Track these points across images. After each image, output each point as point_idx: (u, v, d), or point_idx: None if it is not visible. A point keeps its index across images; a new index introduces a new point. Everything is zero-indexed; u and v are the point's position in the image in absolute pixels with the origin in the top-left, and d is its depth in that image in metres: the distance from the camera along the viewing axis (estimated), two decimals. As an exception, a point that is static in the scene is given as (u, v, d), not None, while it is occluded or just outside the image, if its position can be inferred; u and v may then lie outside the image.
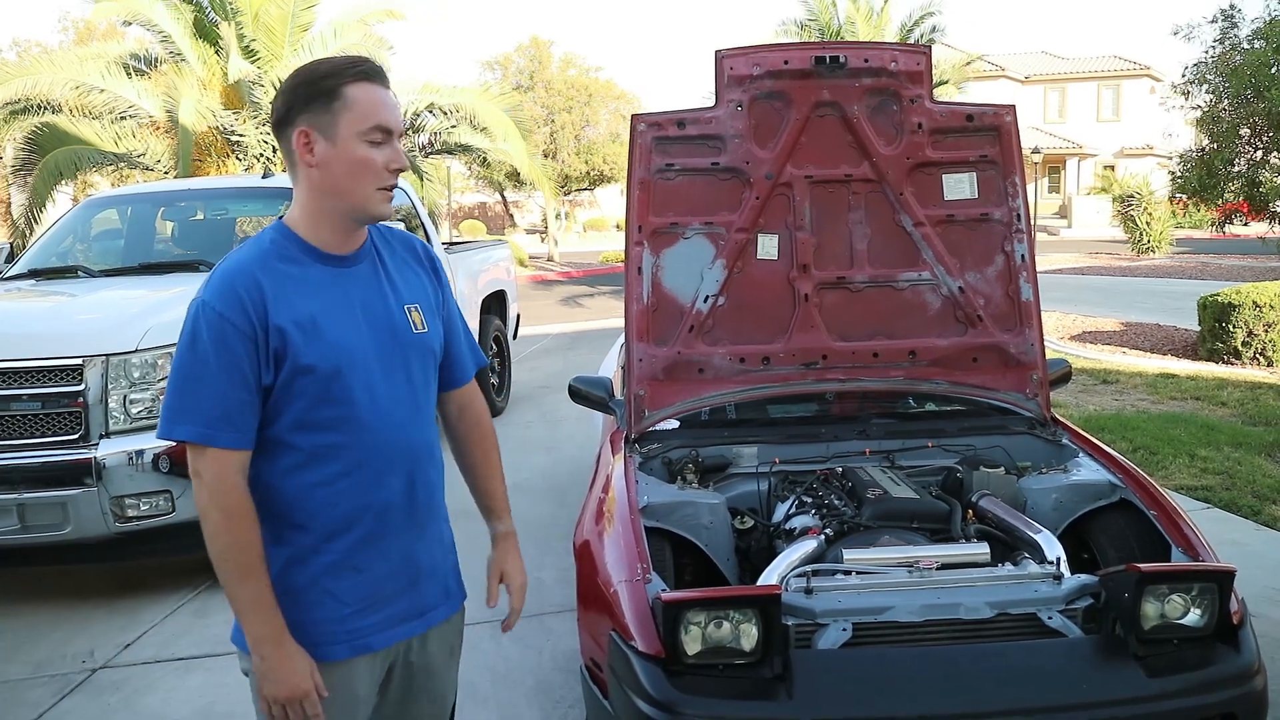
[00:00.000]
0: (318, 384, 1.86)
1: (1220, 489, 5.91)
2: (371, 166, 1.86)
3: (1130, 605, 2.54)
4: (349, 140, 1.85)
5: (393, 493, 1.97)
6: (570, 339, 13.94)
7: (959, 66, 25.11)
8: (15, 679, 4.12)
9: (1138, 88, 44.60)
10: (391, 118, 1.88)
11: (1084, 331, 12.62)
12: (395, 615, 2.00)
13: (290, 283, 1.87)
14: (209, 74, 14.38)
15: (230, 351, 1.80)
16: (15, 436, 4.54)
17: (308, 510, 1.89)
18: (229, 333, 1.80)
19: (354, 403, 1.89)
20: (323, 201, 1.90)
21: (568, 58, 34.52)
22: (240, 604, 1.84)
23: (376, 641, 1.98)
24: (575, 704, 3.57)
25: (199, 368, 1.80)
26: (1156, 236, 26.08)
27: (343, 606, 1.92)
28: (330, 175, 1.87)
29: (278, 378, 1.84)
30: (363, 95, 1.85)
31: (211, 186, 7.59)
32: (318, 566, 1.90)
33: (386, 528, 1.97)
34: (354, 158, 1.85)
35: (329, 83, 1.85)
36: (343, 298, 1.92)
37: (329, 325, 1.88)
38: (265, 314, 1.82)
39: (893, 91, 3.68)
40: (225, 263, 1.89)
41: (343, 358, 1.88)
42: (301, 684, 1.84)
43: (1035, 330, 3.76)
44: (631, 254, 3.68)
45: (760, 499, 3.51)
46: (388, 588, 1.99)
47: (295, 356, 1.83)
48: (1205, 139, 14.33)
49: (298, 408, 1.86)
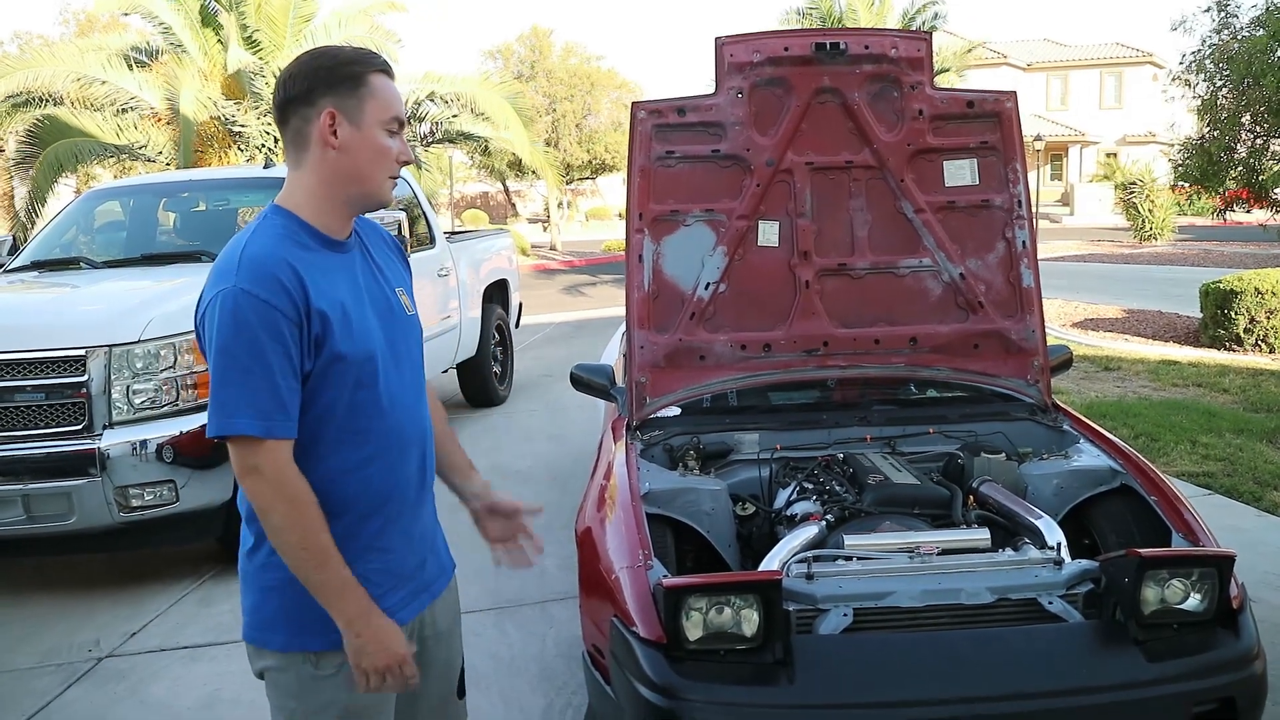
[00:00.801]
0: (350, 371, 1.86)
1: (1221, 475, 5.92)
2: (389, 155, 1.91)
3: (1130, 590, 2.55)
4: (372, 127, 1.88)
5: (410, 472, 2.01)
6: (573, 328, 13.95)
7: (960, 54, 25.00)
8: (22, 668, 4.14)
9: (1140, 75, 44.41)
10: (403, 111, 1.96)
11: (1086, 319, 12.61)
12: (413, 590, 2.04)
13: (315, 269, 1.85)
14: (210, 65, 14.36)
15: (280, 339, 1.77)
16: (19, 427, 4.56)
17: (339, 497, 1.89)
18: (277, 320, 1.77)
19: (378, 387, 1.91)
20: (335, 185, 1.90)
21: (569, 47, 34.49)
22: (326, 591, 1.83)
23: (403, 617, 1.99)
24: (578, 690, 3.59)
25: (249, 358, 1.76)
26: (1159, 224, 26.03)
27: (374, 587, 1.92)
28: (351, 159, 1.88)
29: (315, 365, 1.83)
30: (384, 86, 1.91)
31: (213, 177, 7.59)
32: (351, 551, 1.89)
33: (405, 507, 2.00)
34: (376, 145, 1.89)
35: (356, 69, 1.88)
36: (353, 283, 1.93)
37: (354, 311, 1.89)
38: (307, 299, 1.80)
39: (893, 78, 3.68)
40: (246, 249, 1.83)
41: (368, 343, 1.89)
42: (398, 650, 1.87)
43: (1036, 316, 3.75)
44: (632, 241, 3.68)
45: (762, 485, 3.52)
46: (409, 564, 2.03)
47: (333, 343, 1.83)
48: (1205, 127, 14.29)
49: (330, 395, 1.85)
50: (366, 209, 1.97)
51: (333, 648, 1.89)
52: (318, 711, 1.94)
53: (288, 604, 1.91)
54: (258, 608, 1.95)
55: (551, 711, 3.59)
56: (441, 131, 16.67)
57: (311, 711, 1.95)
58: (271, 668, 1.96)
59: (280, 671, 1.95)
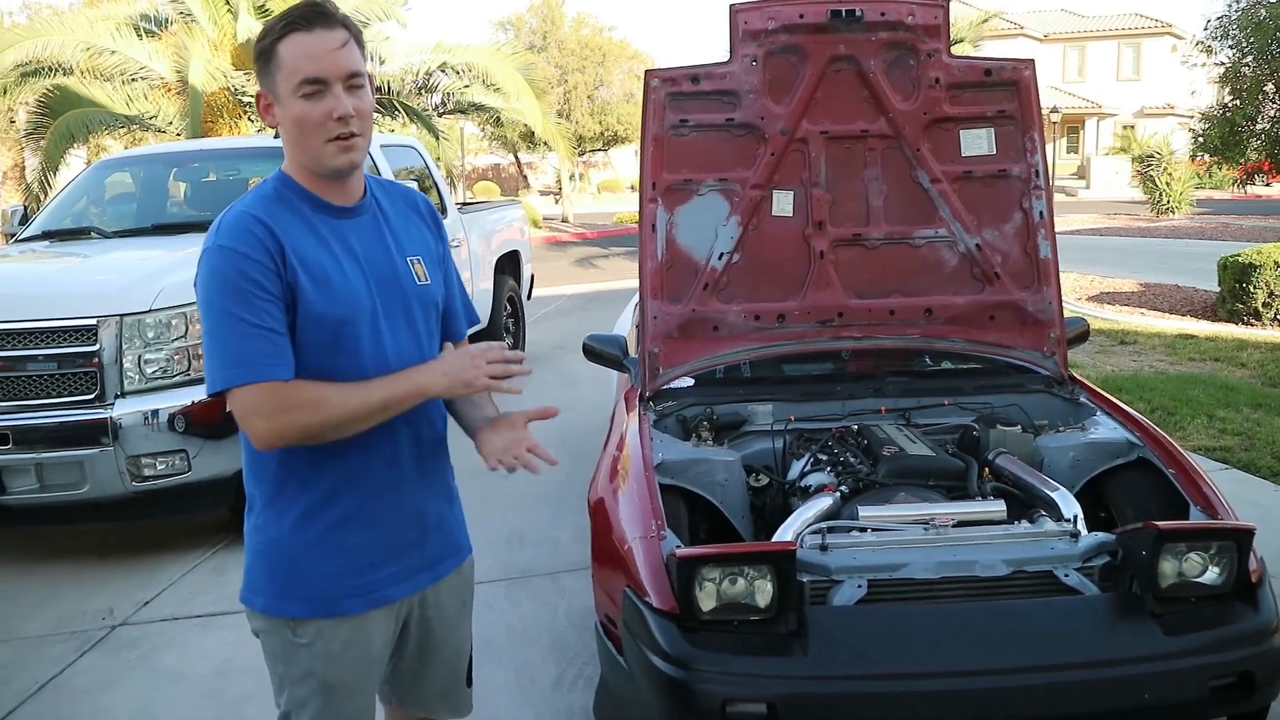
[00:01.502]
0: (325, 332, 1.84)
1: (1239, 450, 5.87)
2: (309, 120, 1.80)
3: (1148, 563, 2.52)
4: (288, 99, 1.80)
5: (401, 444, 1.96)
6: (585, 299, 13.92)
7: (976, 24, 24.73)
8: (36, 635, 4.17)
9: (1159, 46, 43.88)
10: (322, 66, 1.78)
11: (1102, 292, 12.53)
12: (407, 568, 2.01)
13: (296, 229, 1.84)
14: (220, 34, 14.29)
15: (258, 284, 1.76)
16: (32, 397, 4.56)
17: (317, 463, 1.88)
18: (251, 268, 1.76)
19: (360, 352, 1.87)
20: (294, 158, 1.90)
21: (580, 17, 34.23)
22: (391, 400, 1.84)
23: (391, 594, 1.98)
24: (590, 660, 3.59)
25: (232, 308, 1.75)
26: (1176, 197, 25.77)
27: (356, 560, 1.92)
28: (287, 134, 1.86)
29: (293, 322, 1.82)
30: (289, 50, 1.78)
31: (223, 147, 7.56)
32: (329, 520, 1.90)
33: (395, 480, 1.96)
34: (292, 116, 1.81)
35: (265, 43, 1.82)
36: (345, 247, 1.90)
37: (335, 273, 1.86)
38: (283, 252, 1.80)
39: (910, 45, 3.62)
40: (230, 211, 1.86)
41: (348, 306, 1.86)
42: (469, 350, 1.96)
43: (1053, 288, 3.71)
44: (645, 211, 3.64)
45: (775, 456, 3.50)
46: (401, 540, 1.99)
47: (307, 302, 1.81)
48: (1228, 95, 14.10)
49: (305, 357, 1.83)
50: (323, 176, 1.89)
51: (309, 615, 1.90)
52: (299, 680, 1.95)
53: (271, 566, 1.92)
54: (250, 569, 1.96)
55: (563, 682, 3.59)
56: (453, 102, 16.58)
57: (295, 679, 1.95)
58: (260, 629, 1.97)
59: (268, 635, 1.97)
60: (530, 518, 5.18)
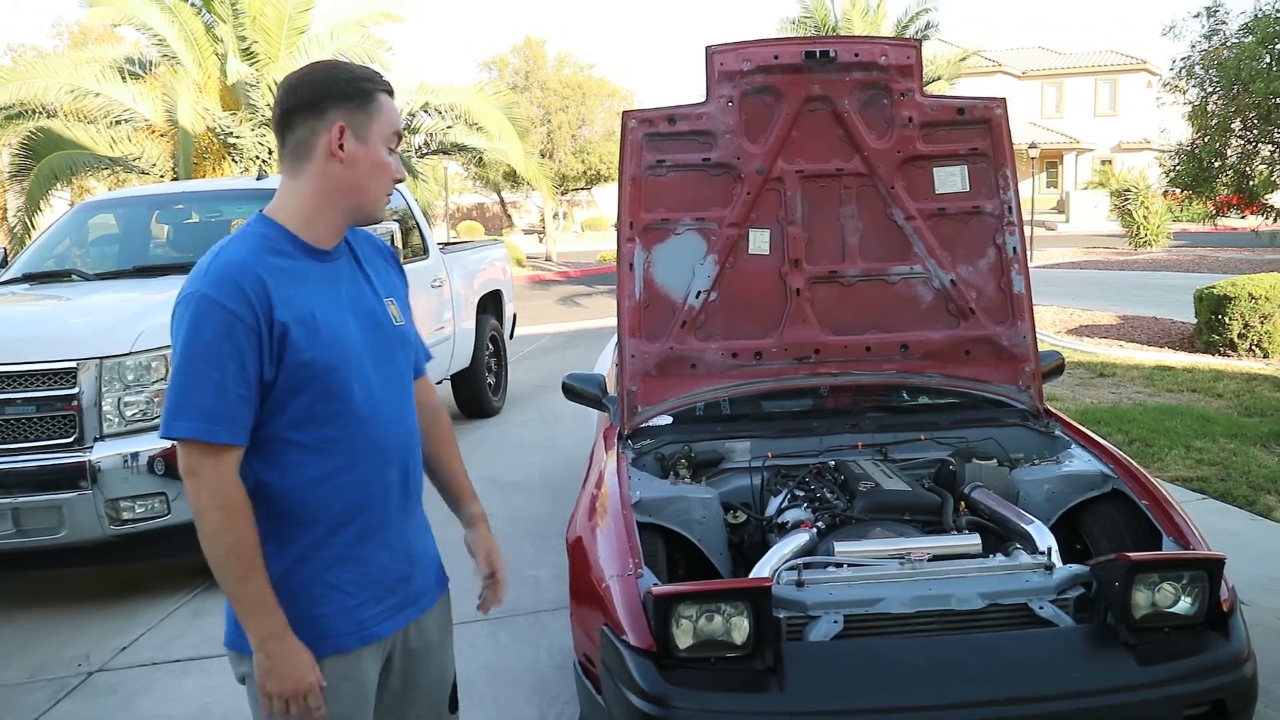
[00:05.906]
0: (317, 380, 1.86)
1: (1216, 480, 5.91)
2: (389, 170, 1.96)
3: (1121, 594, 2.55)
4: (377, 143, 1.93)
5: (390, 483, 1.99)
6: (567, 338, 13.94)
7: (954, 62, 25.12)
8: (12, 683, 4.12)
9: (1135, 82, 44.56)
10: (402, 129, 2.02)
11: (1081, 325, 12.62)
12: (397, 603, 2.03)
13: (286, 278, 1.86)
14: (205, 76, 14.39)
15: (235, 345, 1.78)
16: (10, 440, 4.54)
17: (310, 506, 1.89)
18: (235, 327, 1.78)
19: (351, 397, 1.90)
20: (333, 197, 1.92)
21: (562, 56, 34.55)
22: (245, 604, 1.83)
23: (384, 629, 2.00)
24: (571, 700, 3.58)
25: (202, 362, 1.77)
26: (1153, 230, 26.08)
27: (349, 598, 1.93)
28: (354, 173, 1.91)
29: (279, 374, 1.83)
30: (389, 105, 1.96)
31: (206, 189, 7.59)
32: (323, 561, 1.91)
33: (386, 518, 1.99)
34: (379, 160, 1.94)
35: (366, 85, 1.92)
36: (333, 293, 1.93)
37: (326, 320, 1.88)
38: (270, 308, 1.81)
39: (883, 85, 3.68)
40: (218, 256, 1.86)
41: (340, 353, 1.89)
42: (306, 677, 1.85)
43: (1027, 322, 3.75)
44: (623, 250, 3.68)
45: (753, 493, 3.52)
46: (390, 576, 2.01)
47: (297, 352, 1.83)
48: (1196, 133, 14.36)
49: (297, 404, 1.85)
50: (359, 222, 2.00)
51: None
52: None
53: None
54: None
55: (544, 722, 3.58)
56: (436, 143, 16.69)
57: None
58: (248, 674, 1.95)
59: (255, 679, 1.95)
60: (512, 556, 5.15)
